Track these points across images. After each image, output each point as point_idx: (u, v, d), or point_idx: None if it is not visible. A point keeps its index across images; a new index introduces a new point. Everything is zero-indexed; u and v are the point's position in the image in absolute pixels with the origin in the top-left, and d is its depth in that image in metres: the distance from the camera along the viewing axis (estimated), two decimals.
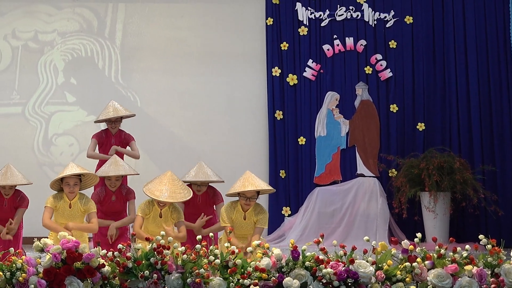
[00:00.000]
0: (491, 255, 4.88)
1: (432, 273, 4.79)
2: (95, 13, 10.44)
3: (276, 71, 10.25)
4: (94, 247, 4.87)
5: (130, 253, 4.84)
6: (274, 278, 4.74)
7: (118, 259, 4.80)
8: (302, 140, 10.20)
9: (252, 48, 10.37)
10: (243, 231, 6.49)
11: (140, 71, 10.39)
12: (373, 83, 10.22)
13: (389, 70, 10.22)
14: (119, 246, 4.85)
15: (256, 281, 4.72)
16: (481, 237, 4.93)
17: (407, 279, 4.78)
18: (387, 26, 10.27)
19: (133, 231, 6.57)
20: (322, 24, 10.30)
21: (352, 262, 4.77)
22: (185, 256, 4.77)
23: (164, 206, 6.57)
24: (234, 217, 6.48)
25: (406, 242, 4.93)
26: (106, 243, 6.85)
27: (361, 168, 10.10)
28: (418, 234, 5.02)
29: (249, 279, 4.72)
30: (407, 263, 4.81)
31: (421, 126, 10.12)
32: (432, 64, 10.19)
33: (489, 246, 4.91)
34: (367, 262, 4.80)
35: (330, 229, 9.63)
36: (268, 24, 10.30)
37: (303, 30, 10.29)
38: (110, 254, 4.83)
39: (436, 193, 9.37)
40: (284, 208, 10.11)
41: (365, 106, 10.17)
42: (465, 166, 9.52)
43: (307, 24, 10.30)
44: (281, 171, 10.16)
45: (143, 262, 4.78)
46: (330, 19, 10.29)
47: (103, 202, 7.16)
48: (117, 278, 4.79)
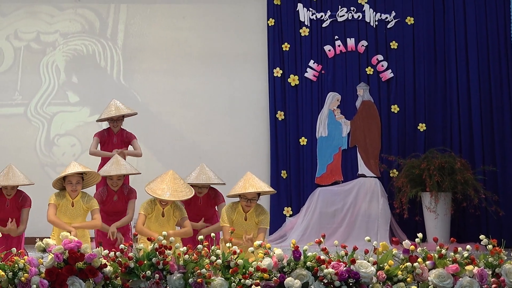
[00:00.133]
0: (492, 255, 4.88)
1: (433, 273, 4.79)
2: (97, 14, 10.45)
3: (277, 72, 10.25)
4: (96, 247, 4.87)
5: (132, 253, 4.85)
6: (276, 278, 4.74)
7: (120, 259, 4.80)
8: (303, 140, 10.21)
9: (253, 48, 10.38)
10: (244, 232, 6.48)
11: (142, 72, 10.40)
12: (374, 84, 10.23)
13: (390, 70, 10.23)
14: (121, 246, 4.86)
15: (257, 281, 4.71)
16: (482, 237, 4.93)
17: (408, 279, 4.78)
18: (388, 27, 10.27)
19: (135, 231, 6.59)
20: (324, 25, 10.30)
21: (353, 262, 4.77)
22: (186, 256, 4.77)
23: (166, 205, 6.57)
24: (235, 218, 6.48)
25: (407, 242, 4.93)
26: (108, 243, 6.85)
27: (362, 168, 10.11)
28: (419, 234, 5.01)
29: (250, 279, 4.72)
30: (408, 263, 4.81)
31: (422, 127, 10.13)
32: (433, 64, 10.19)
33: (490, 246, 4.90)
34: (368, 262, 4.79)
35: (331, 229, 9.64)
36: (269, 24, 10.31)
37: (305, 31, 10.30)
38: (112, 254, 4.84)
39: (437, 193, 9.38)
40: (285, 208, 10.12)
41: (366, 107, 10.18)
42: (466, 166, 9.53)
43: (309, 24, 10.31)
44: (282, 172, 10.17)
45: (145, 262, 4.78)
46: (331, 20, 10.30)
47: (105, 202, 7.16)
48: (119, 278, 4.80)
